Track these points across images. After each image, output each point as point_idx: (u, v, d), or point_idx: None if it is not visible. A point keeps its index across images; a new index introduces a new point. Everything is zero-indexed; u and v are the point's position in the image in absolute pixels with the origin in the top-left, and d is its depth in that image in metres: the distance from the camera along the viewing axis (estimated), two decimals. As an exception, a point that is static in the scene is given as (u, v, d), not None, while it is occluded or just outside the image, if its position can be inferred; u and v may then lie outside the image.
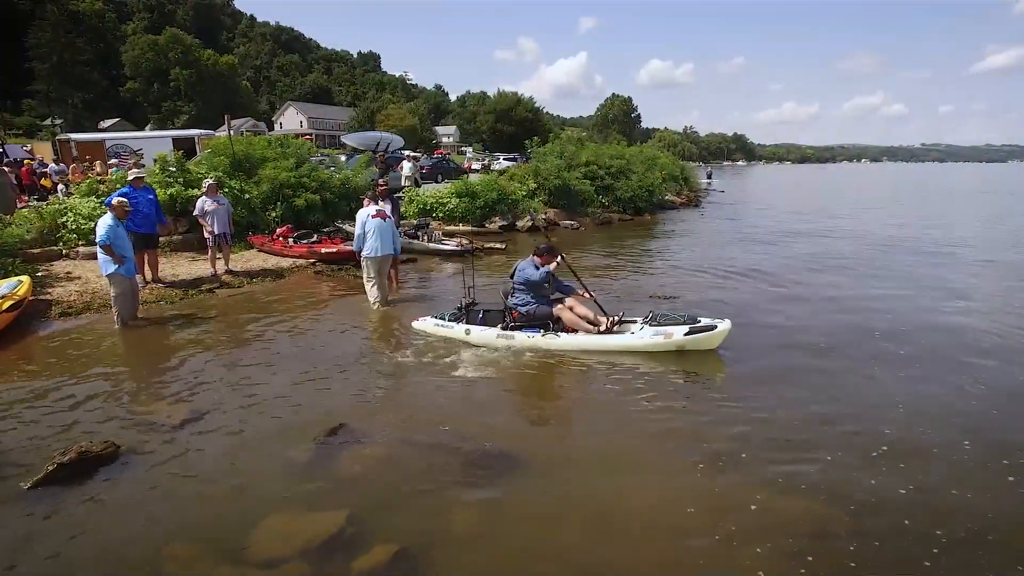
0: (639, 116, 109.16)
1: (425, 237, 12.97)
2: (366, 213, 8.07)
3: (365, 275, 8.16)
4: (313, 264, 10.90)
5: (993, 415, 4.95)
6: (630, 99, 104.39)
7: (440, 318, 7.10)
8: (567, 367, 6.08)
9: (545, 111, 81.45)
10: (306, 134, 65.90)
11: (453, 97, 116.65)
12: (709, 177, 40.49)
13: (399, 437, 4.59)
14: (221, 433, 4.63)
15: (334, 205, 13.55)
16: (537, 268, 6.53)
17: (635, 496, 3.83)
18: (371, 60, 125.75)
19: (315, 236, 11.77)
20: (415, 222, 14.23)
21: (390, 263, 8.43)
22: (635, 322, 6.57)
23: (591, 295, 6.71)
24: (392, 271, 9.48)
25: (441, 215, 16.27)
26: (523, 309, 6.60)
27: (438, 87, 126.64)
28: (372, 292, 8.14)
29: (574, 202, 19.58)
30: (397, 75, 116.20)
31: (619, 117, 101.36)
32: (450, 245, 12.80)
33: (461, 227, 16.00)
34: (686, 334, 6.10)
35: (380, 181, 10.60)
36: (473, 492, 3.85)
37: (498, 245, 13.69)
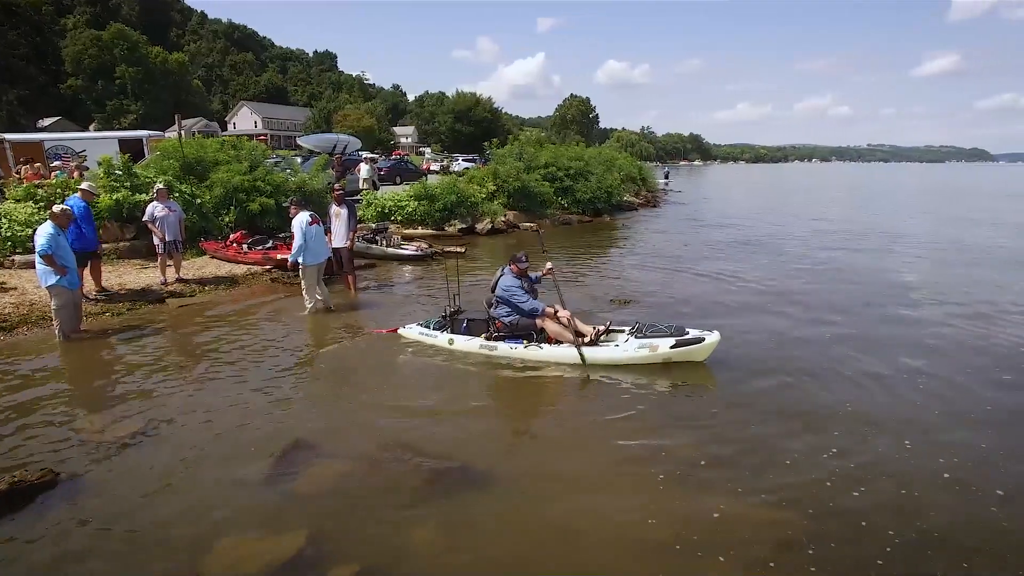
0: (597, 116, 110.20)
1: (383, 241, 12.81)
2: (303, 221, 8.02)
3: (306, 283, 8.15)
4: (269, 271, 10.63)
5: (934, 414, 5.16)
6: (588, 99, 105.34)
7: (425, 326, 7.00)
8: (546, 379, 6.02)
9: (504, 111, 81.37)
10: (260, 135, 64.33)
11: (411, 97, 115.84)
12: (667, 177, 41.01)
13: (359, 452, 4.49)
14: (170, 454, 4.43)
15: (287, 209, 13.22)
16: (518, 279, 6.48)
17: (599, 509, 3.82)
18: (327, 59, 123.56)
19: (270, 242, 11.45)
20: (373, 226, 14.05)
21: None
22: (622, 332, 6.47)
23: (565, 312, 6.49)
24: (350, 277, 9.35)
25: (400, 218, 16.11)
26: (507, 319, 6.49)
27: (396, 87, 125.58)
28: (310, 299, 8.18)
29: (534, 204, 19.65)
30: (354, 75, 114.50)
31: (577, 117, 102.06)
32: (409, 249, 12.67)
33: (420, 230, 15.86)
34: (672, 347, 5.98)
35: (336, 185, 10.39)
36: (436, 508, 3.79)
37: (458, 249, 13.61)
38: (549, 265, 6.66)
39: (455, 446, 4.59)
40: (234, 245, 11.32)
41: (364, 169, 21.76)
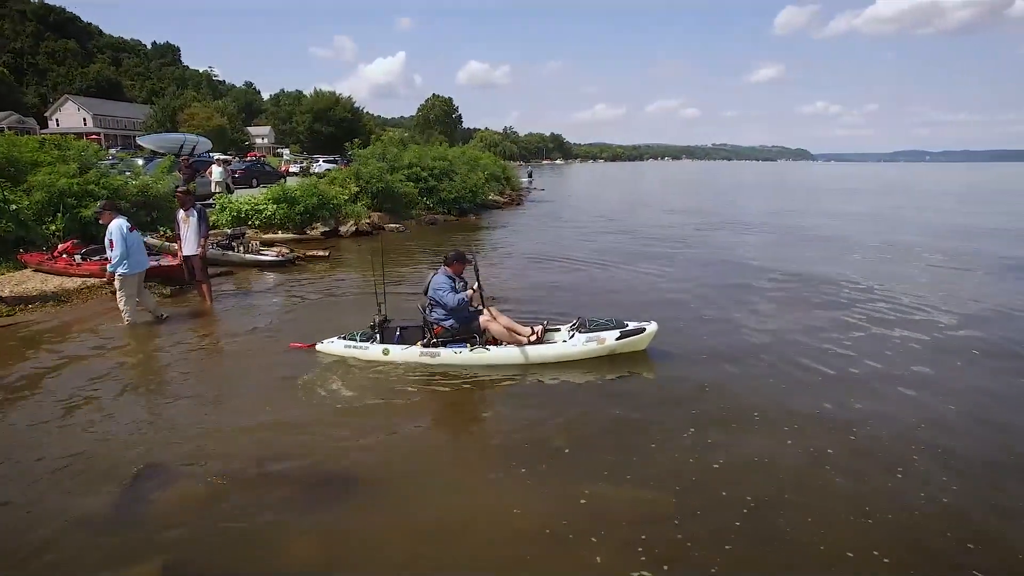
0: (460, 116, 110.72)
1: (241, 248, 12.23)
2: (123, 227, 7.57)
3: (124, 293, 7.70)
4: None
5: (811, 386, 5.66)
6: (451, 99, 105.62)
7: (351, 338, 6.51)
8: (434, 379, 5.92)
9: (365, 111, 79.43)
10: (92, 134, 57.86)
11: (266, 96, 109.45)
12: (530, 176, 42.34)
13: (221, 470, 4.20)
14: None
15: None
16: (452, 280, 6.27)
17: (473, 506, 3.90)
18: (169, 52, 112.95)
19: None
20: (228, 231, 13.35)
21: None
22: (558, 330, 6.57)
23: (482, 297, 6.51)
24: (204, 286, 8.89)
25: (258, 223, 15.42)
26: (446, 323, 6.27)
27: (249, 85, 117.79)
28: (129, 309, 7.78)
29: (398, 205, 19.61)
30: (201, 70, 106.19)
31: (440, 117, 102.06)
32: (269, 255, 12.20)
33: (280, 235, 15.29)
34: (618, 338, 6.19)
35: (179, 189, 9.78)
36: (309, 520, 3.69)
37: (321, 253, 13.31)
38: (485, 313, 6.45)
39: (331, 455, 4.43)
40: (64, 256, 10.26)
41: (216, 172, 20.49)
